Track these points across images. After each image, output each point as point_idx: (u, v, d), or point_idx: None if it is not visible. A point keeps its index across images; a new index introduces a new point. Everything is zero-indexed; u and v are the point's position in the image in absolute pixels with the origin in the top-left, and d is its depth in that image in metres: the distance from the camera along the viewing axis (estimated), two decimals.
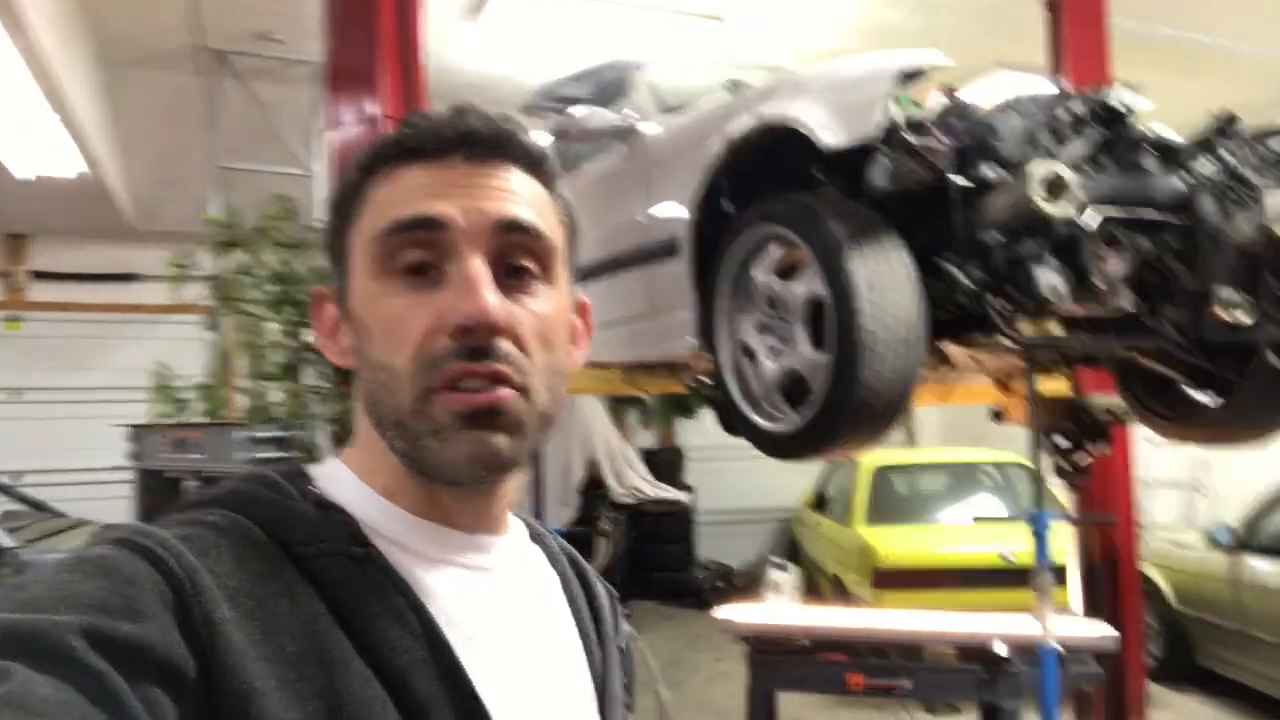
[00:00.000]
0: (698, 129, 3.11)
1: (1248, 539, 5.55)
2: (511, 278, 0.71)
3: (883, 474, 7.08)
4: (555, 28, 5.70)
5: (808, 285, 2.62)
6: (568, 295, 0.77)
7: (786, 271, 2.78)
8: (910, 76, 2.45)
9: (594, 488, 8.07)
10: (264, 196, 3.70)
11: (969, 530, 6.20)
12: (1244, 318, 2.61)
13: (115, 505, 6.82)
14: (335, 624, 0.63)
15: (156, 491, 3.48)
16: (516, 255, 0.72)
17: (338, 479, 0.74)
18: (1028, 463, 6.92)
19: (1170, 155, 2.76)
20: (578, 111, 3.35)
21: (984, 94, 2.85)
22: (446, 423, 0.68)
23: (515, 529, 0.83)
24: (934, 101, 2.65)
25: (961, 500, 7.03)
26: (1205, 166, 2.72)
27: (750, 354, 2.90)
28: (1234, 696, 5.79)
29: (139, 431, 3.48)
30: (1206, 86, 6.41)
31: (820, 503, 8.17)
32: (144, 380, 6.49)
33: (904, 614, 4.35)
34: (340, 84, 3.60)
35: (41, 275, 8.67)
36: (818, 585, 7.59)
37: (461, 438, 0.68)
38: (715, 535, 9.51)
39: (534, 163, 0.75)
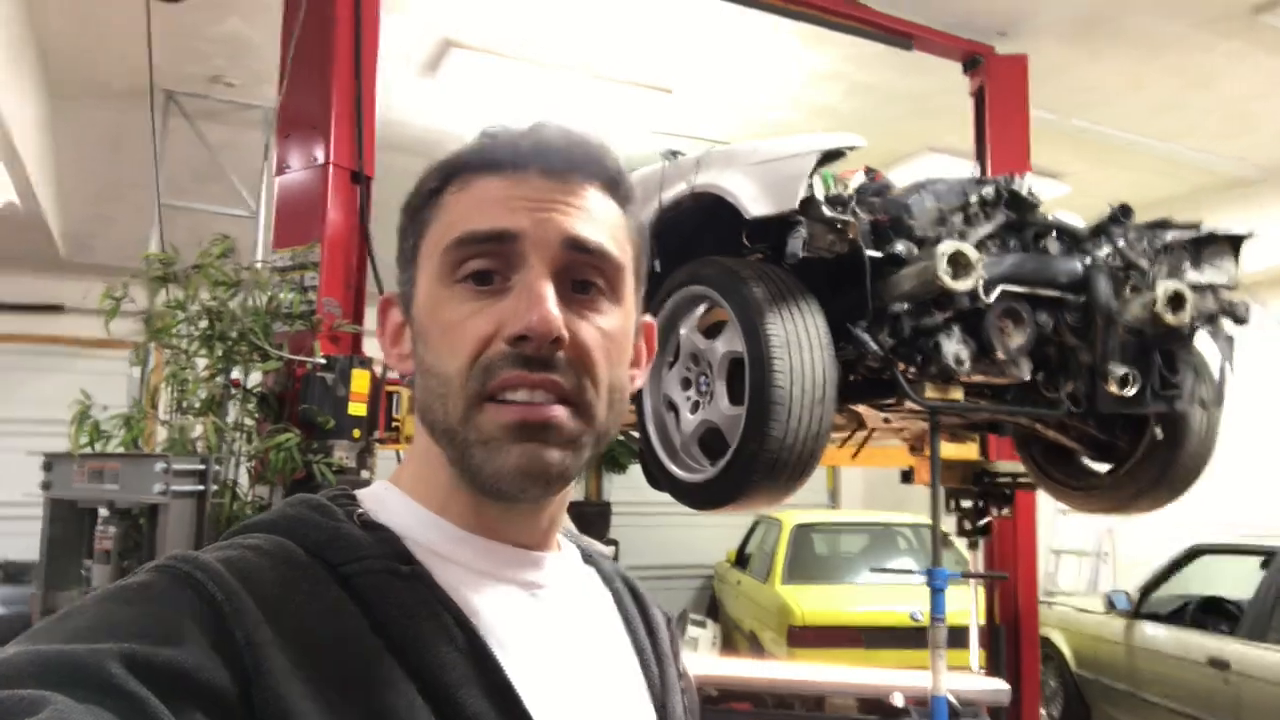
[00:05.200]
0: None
1: (1143, 606, 5.82)
2: (579, 293, 0.70)
3: (802, 532, 7.23)
4: (508, 89, 5.87)
5: (728, 343, 2.78)
6: (634, 314, 0.76)
7: (710, 330, 2.94)
8: (831, 156, 2.64)
9: None
10: (203, 235, 3.77)
11: (882, 590, 6.37)
12: (1132, 391, 2.84)
13: (25, 541, 6.65)
14: (380, 643, 0.62)
15: (68, 522, 3.42)
16: (584, 272, 0.71)
17: (384, 500, 0.74)
18: (941, 526, 7.20)
19: (1071, 239, 3.00)
20: None
21: (912, 175, 3.06)
22: (495, 434, 0.67)
23: (568, 550, 0.82)
24: (856, 180, 2.85)
25: (878, 560, 7.20)
26: (1102, 251, 2.96)
27: (673, 407, 3.03)
28: None
29: (53, 460, 3.44)
30: (1122, 179, 6.87)
31: (742, 560, 8.29)
32: (67, 412, 6.32)
33: (808, 666, 4.46)
34: (291, 130, 3.69)
35: None
36: (734, 642, 7.67)
37: (510, 450, 0.67)
38: None
39: (610, 181, 0.74)
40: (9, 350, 8.43)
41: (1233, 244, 3.09)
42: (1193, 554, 5.72)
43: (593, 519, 9.27)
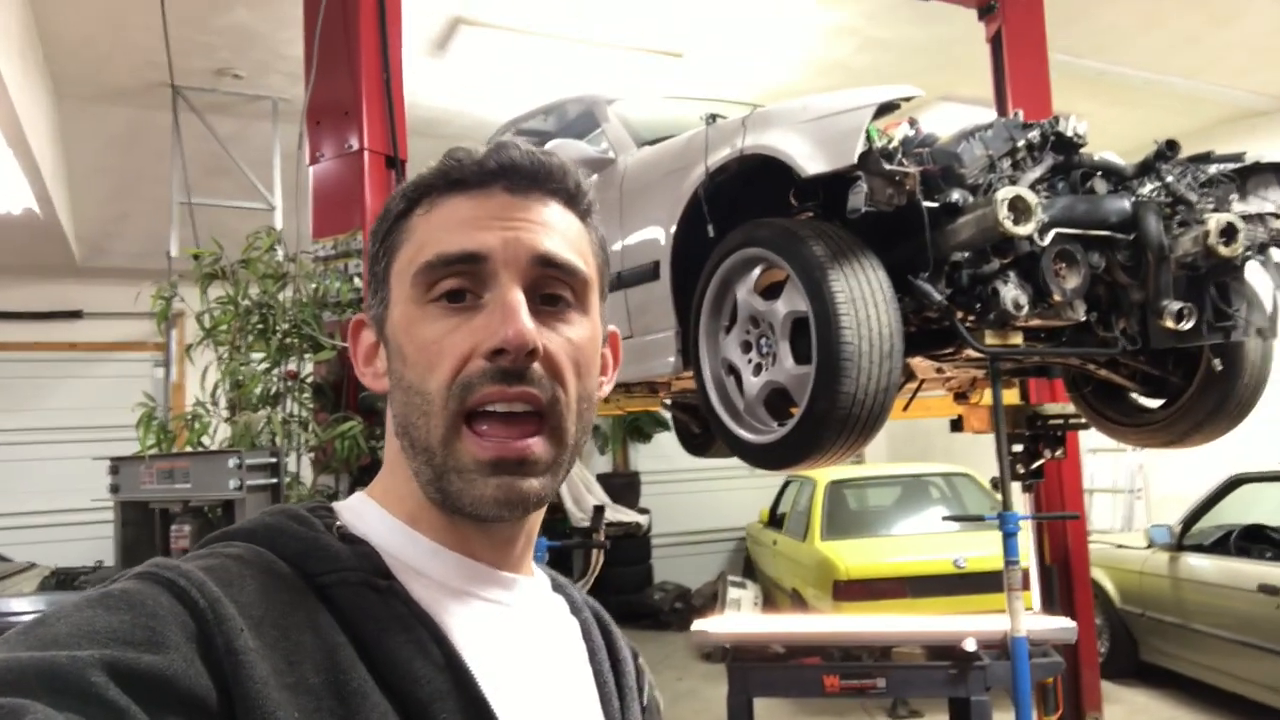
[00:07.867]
0: (677, 159, 3.25)
1: (1185, 538, 5.86)
2: (547, 305, 0.73)
3: (836, 489, 7.27)
4: (516, 64, 5.82)
5: (790, 303, 2.77)
6: (600, 324, 0.79)
7: (766, 292, 2.93)
8: (886, 109, 2.62)
9: (550, 513, 8.08)
10: (219, 231, 3.76)
11: (920, 540, 6.41)
12: (1188, 325, 2.85)
13: (79, 546, 6.70)
14: (356, 655, 0.63)
15: (139, 524, 3.43)
16: (552, 285, 0.73)
17: (361, 513, 0.75)
18: (973, 473, 7.24)
19: (1117, 178, 2.99)
20: (556, 146, 3.47)
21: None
22: (471, 467, 0.69)
23: (539, 576, 0.84)
24: (900, 132, 2.84)
25: (912, 512, 7.25)
26: (1148, 188, 2.96)
27: (733, 370, 3.04)
28: (1176, 688, 6.09)
29: (119, 464, 3.45)
30: (1134, 116, 6.82)
31: (775, 520, 8.34)
32: (89, 419, 6.27)
33: (873, 618, 4.50)
34: (322, 117, 3.66)
35: None
36: (775, 600, 7.74)
37: (488, 482, 0.69)
38: (671, 557, 9.62)
39: (571, 196, 0.77)
40: (30, 359, 8.36)
41: (1277, 172, 3.08)
42: (1234, 483, 5.74)
43: (621, 490, 9.31)
